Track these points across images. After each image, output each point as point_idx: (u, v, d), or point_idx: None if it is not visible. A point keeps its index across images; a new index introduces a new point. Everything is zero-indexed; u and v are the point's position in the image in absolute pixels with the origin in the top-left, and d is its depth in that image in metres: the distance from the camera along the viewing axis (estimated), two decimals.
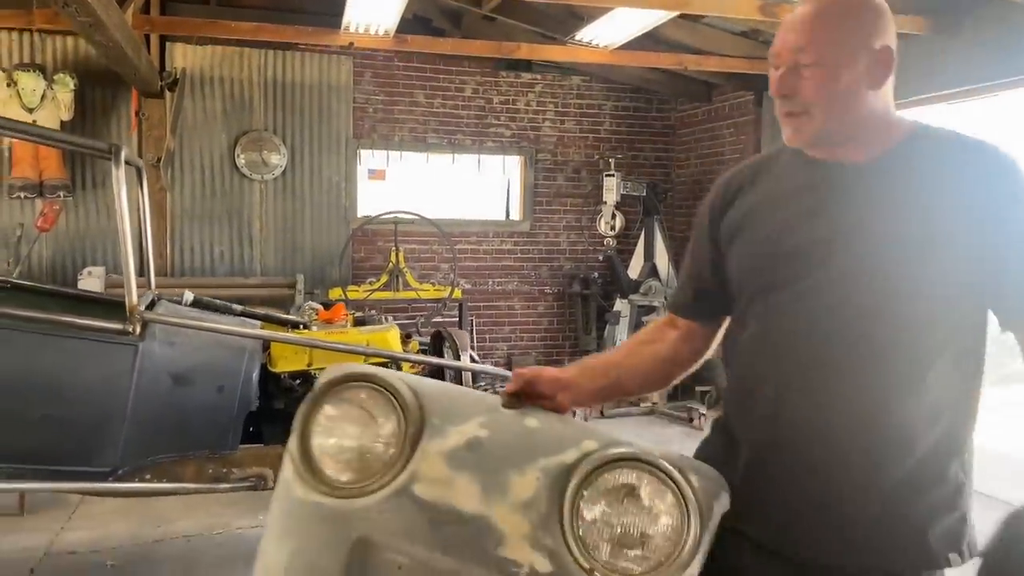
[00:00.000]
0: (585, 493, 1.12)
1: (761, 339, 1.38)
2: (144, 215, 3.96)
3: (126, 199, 3.13)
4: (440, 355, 4.16)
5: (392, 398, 1.21)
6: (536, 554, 1.08)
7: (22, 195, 6.10)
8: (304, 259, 7.20)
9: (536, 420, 1.23)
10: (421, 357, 3.87)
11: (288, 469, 1.21)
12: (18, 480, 3.08)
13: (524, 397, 1.32)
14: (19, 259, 5.72)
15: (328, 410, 1.23)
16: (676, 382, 1.59)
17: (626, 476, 1.14)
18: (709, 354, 1.57)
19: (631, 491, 1.13)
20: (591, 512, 1.12)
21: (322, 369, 3.75)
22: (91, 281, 6.02)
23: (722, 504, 1.20)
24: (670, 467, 1.15)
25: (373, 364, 3.82)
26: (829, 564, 1.33)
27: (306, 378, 3.73)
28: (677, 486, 1.13)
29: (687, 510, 1.13)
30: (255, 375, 3.44)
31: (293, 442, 1.22)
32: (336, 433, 1.23)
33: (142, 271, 4.23)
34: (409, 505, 1.12)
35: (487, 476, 1.13)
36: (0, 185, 6.28)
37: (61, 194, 6.12)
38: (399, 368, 3.78)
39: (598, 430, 1.27)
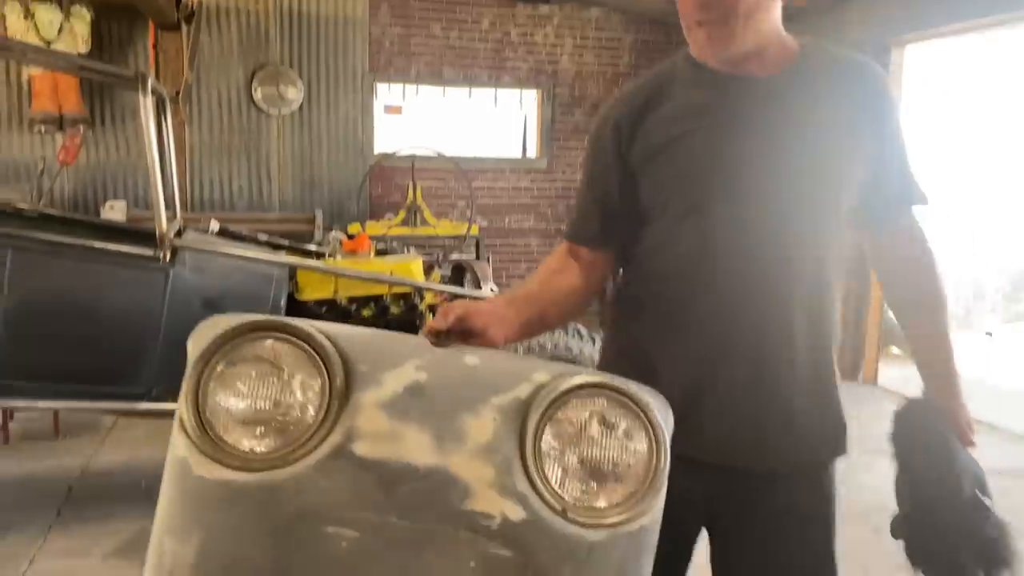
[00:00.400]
0: (547, 428, 1.02)
1: (698, 258, 1.36)
2: (168, 145, 3.98)
3: (153, 127, 3.16)
4: (461, 287, 4.21)
5: (304, 347, 1.02)
6: (507, 501, 0.97)
7: (42, 128, 6.13)
8: (322, 195, 7.23)
9: (475, 357, 1.09)
10: (444, 286, 3.92)
11: (181, 446, 0.99)
12: (57, 399, 3.19)
13: (453, 334, 1.20)
14: (42, 192, 5.77)
15: (224, 369, 1.02)
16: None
17: (588, 405, 1.06)
18: (609, 280, 1.54)
19: (596, 421, 1.05)
20: (556, 448, 1.03)
21: (349, 297, 3.84)
22: (113, 214, 6.08)
23: (671, 426, 1.12)
24: (632, 390, 1.06)
25: (395, 293, 3.90)
26: (766, 468, 1.39)
27: (332, 306, 3.80)
28: (642, 409, 1.05)
29: (654, 433, 1.05)
30: (283, 302, 3.51)
31: (183, 412, 1.00)
32: (239, 395, 1.02)
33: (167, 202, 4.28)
34: (350, 468, 0.97)
35: (437, 423, 0.99)
36: (21, 119, 6.31)
37: (81, 127, 6.14)
38: (422, 298, 3.85)
39: (540, 361, 1.15)
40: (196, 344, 1.08)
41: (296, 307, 3.68)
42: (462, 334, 1.18)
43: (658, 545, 1.07)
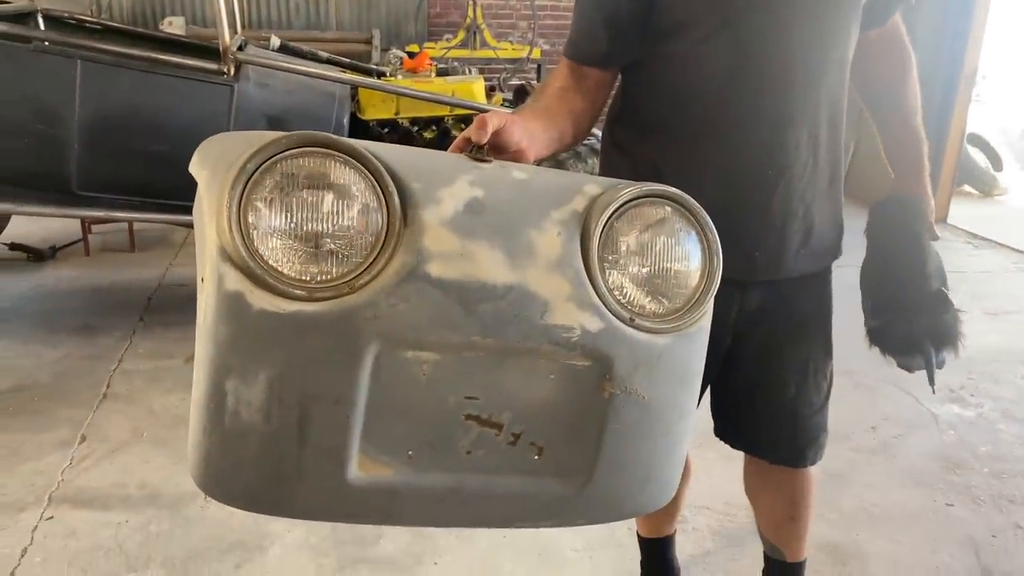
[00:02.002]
0: (608, 239, 1.01)
1: (732, 75, 1.31)
2: None
3: None
4: None
5: (354, 163, 0.93)
6: (584, 313, 0.97)
7: None
8: (379, 13, 7.01)
9: (522, 172, 1.03)
10: (507, 110, 3.85)
11: (231, 279, 0.89)
12: (130, 211, 3.30)
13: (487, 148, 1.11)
14: (101, 7, 5.72)
15: (273, 188, 0.91)
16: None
17: (645, 214, 1.04)
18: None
19: (653, 229, 1.04)
20: (619, 258, 1.03)
21: (411, 119, 3.81)
22: (172, 31, 6.02)
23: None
24: (685, 197, 1.04)
25: (457, 116, 3.84)
26: (785, 278, 1.44)
27: (394, 126, 3.78)
28: (694, 215, 1.04)
29: (706, 236, 1.05)
30: (345, 121, 3.50)
31: (229, 239, 0.88)
32: (294, 217, 0.92)
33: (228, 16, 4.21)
34: (429, 290, 0.93)
35: (506, 239, 0.96)
36: None
37: None
38: None
39: (585, 175, 1.11)
40: (213, 164, 0.96)
41: (358, 127, 3.68)
42: (494, 148, 1.11)
43: None
